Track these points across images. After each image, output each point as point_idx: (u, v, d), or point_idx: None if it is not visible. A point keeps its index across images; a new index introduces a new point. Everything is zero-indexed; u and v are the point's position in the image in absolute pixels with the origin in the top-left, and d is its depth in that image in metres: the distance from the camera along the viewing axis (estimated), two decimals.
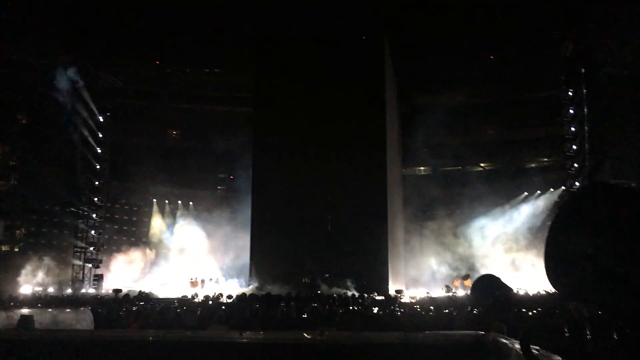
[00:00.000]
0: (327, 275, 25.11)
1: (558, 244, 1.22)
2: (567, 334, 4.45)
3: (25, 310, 9.48)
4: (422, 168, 37.94)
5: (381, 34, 28.03)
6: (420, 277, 29.75)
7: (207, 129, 35.48)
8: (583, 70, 27.11)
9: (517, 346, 4.81)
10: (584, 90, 26.86)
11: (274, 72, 28.27)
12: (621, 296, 1.12)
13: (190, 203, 34.48)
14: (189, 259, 31.85)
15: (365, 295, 19.90)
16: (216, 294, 20.73)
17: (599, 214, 1.17)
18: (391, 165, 28.37)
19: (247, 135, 32.22)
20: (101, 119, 31.51)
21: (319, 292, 21.79)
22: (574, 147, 27.81)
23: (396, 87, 32.30)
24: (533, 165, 35.59)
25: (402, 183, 34.33)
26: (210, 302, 17.96)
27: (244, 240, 29.62)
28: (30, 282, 27.80)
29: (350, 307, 14.16)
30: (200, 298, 20.93)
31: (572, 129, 28.01)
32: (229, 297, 19.34)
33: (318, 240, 25.72)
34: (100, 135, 31.53)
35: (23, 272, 28.05)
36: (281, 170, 27.07)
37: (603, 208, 1.18)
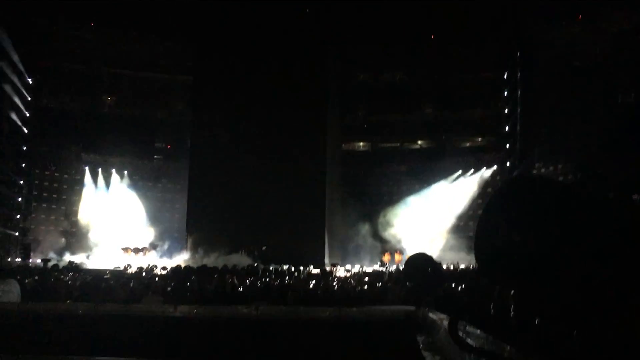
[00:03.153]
0: (263, 248, 25.17)
1: (488, 234, 1.27)
2: (492, 311, 4.68)
3: None
4: (361, 144, 38.30)
5: (322, 10, 27.88)
6: (356, 251, 30.27)
7: (144, 96, 34.41)
8: (519, 53, 27.91)
9: (446, 322, 5.01)
10: (519, 74, 27.70)
11: (217, 44, 27.74)
12: (547, 285, 1.19)
13: (125, 172, 33.51)
14: (122, 228, 31.06)
15: (301, 268, 20.11)
16: (150, 266, 20.43)
17: (525, 206, 1.24)
18: (330, 141, 28.55)
19: (187, 105, 31.58)
20: (30, 81, 30.01)
21: (255, 265, 21.83)
22: (507, 128, 28.74)
23: (337, 64, 32.31)
24: (468, 144, 36.58)
25: (341, 158, 34.61)
26: (144, 274, 17.68)
27: (181, 212, 29.22)
28: None
29: (286, 281, 14.27)
30: (133, 269, 20.52)
31: (506, 110, 28.91)
32: (164, 268, 19.12)
33: (255, 213, 25.70)
34: (29, 98, 30.06)
35: None
36: (220, 142, 26.77)
37: (524, 199, 1.24)
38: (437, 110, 36.17)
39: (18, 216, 29.40)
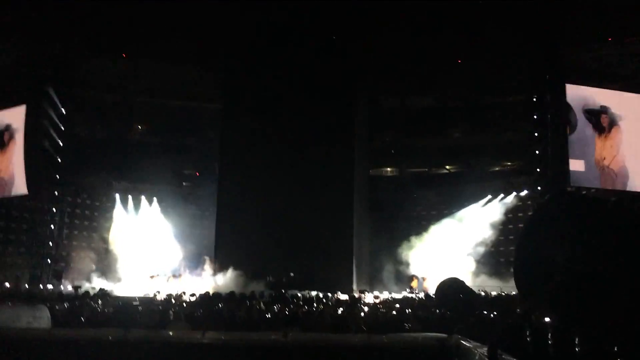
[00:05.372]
0: (291, 274, 25.08)
1: (528, 253, 1.20)
2: (528, 339, 4.53)
3: None
4: (389, 169, 38.18)
5: (352, 37, 28.14)
6: (384, 277, 29.96)
7: (174, 124, 34.96)
8: (548, 77, 27.65)
9: (480, 350, 4.85)
10: (548, 96, 27.40)
11: (244, 69, 28.14)
12: (593, 305, 1.11)
13: (154, 199, 33.90)
14: (151, 254, 31.31)
15: (329, 295, 19.94)
16: (179, 292, 20.50)
17: (568, 224, 1.16)
18: (358, 166, 28.55)
19: (215, 132, 31.93)
20: (64, 111, 30.80)
21: (283, 291, 21.73)
22: (537, 151, 28.33)
23: (364, 90, 32.48)
24: (498, 168, 36.14)
25: (369, 184, 34.53)
26: (173, 301, 17.74)
27: (209, 239, 29.34)
28: None
29: (314, 307, 14.15)
30: (162, 296, 20.62)
31: (536, 134, 28.53)
32: (192, 295, 19.15)
33: (283, 239, 25.67)
34: (63, 128, 30.82)
35: None
36: (248, 168, 26.97)
37: (572, 218, 1.16)
38: (465, 134, 35.93)
39: (50, 243, 29.86)
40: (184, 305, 15.55)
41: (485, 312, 9.96)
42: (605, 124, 26.53)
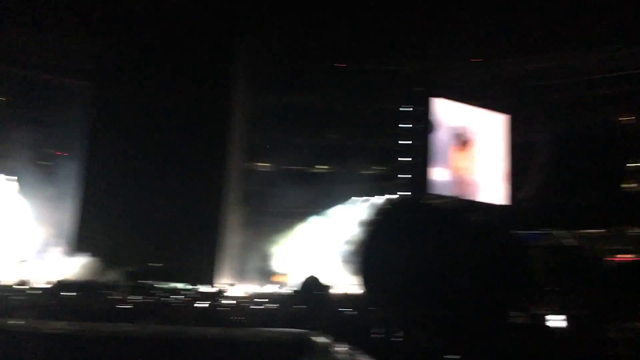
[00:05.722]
0: (153, 265, 24.32)
1: (373, 255, 1.29)
2: (375, 334, 4.81)
3: None
4: (264, 164, 38.22)
5: (235, 27, 27.80)
6: (252, 271, 29.96)
7: (37, 98, 32.32)
8: (420, 89, 29.21)
9: (336, 346, 5.06)
10: (421, 108, 28.91)
11: (119, 51, 26.81)
12: (429, 302, 1.22)
13: (15, 177, 31.10)
14: (10, 236, 28.74)
15: (194, 287, 19.62)
16: (25, 279, 19.14)
17: (409, 228, 1.27)
18: (232, 159, 28.30)
19: (81, 111, 30.03)
20: None
21: (142, 282, 20.99)
22: (404, 159, 29.76)
23: (246, 83, 32.25)
24: (366, 172, 37.54)
25: (244, 177, 34.35)
26: (24, 288, 16.54)
27: (70, 222, 27.62)
28: None
29: (176, 300, 13.86)
30: (12, 282, 19.08)
31: (405, 142, 29.98)
32: (42, 282, 17.98)
33: (148, 229, 24.81)
34: None
35: None
36: (116, 152, 25.74)
37: (413, 222, 1.27)
38: (339, 136, 36.91)
39: None
40: (29, 293, 14.54)
41: (341, 309, 10.32)
42: (464, 138, 28.62)
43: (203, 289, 20.73)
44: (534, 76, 34.47)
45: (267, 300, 16.31)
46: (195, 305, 13.25)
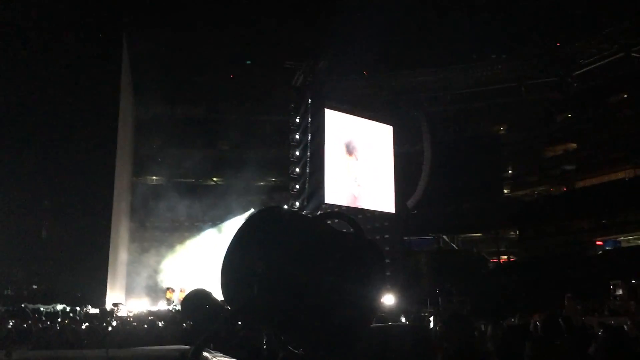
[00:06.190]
0: (34, 287, 22.76)
1: (232, 263, 1.30)
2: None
3: None
4: (154, 177, 37.16)
5: (120, 34, 26.76)
6: (141, 288, 28.91)
7: None
8: (310, 100, 29.66)
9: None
10: (309, 119, 29.34)
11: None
12: (286, 309, 1.23)
13: None
14: None
15: (78, 308, 18.58)
16: None
17: (268, 236, 1.29)
18: (120, 173, 27.12)
19: None
20: None
21: (22, 305, 19.57)
22: (297, 170, 30.05)
23: (134, 93, 31.20)
24: (262, 183, 37.57)
25: (132, 191, 33.14)
26: None
27: None
28: None
29: (58, 323, 13.03)
30: None
31: (297, 153, 30.27)
32: None
33: (30, 247, 23.18)
34: None
35: None
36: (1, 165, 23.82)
37: (272, 231, 1.29)
38: (233, 148, 36.72)
39: None
40: None
41: (231, 324, 10.21)
42: (357, 149, 29.42)
43: (91, 310, 19.67)
44: (416, 89, 36.51)
45: (159, 317, 15.82)
46: (82, 327, 12.59)
